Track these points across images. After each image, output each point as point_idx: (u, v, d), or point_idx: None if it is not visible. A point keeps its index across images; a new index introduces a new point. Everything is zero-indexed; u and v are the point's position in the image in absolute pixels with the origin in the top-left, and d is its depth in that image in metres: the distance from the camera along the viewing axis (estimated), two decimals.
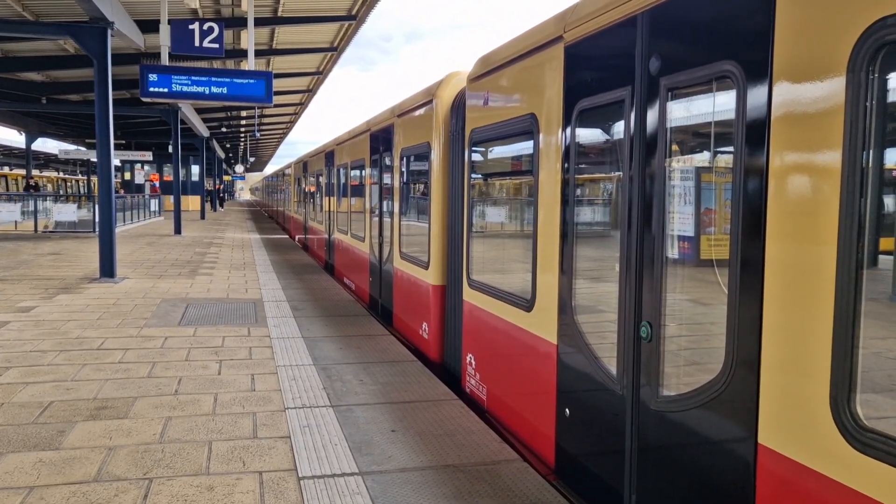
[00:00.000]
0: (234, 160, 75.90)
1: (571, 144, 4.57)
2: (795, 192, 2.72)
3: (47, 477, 4.40)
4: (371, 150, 11.28)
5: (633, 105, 3.83)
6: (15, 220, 25.10)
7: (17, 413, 5.60)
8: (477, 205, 6.72)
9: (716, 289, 3.27)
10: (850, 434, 2.45)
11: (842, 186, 2.51)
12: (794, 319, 2.72)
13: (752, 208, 2.95)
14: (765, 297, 2.87)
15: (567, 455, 4.71)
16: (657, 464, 3.67)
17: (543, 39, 4.98)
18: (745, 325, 2.99)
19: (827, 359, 2.55)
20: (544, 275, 4.96)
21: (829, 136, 2.55)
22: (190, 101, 13.84)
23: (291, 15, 17.98)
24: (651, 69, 3.68)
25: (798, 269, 2.71)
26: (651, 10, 3.66)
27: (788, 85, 2.75)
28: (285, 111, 39.29)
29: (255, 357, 7.61)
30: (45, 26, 15.85)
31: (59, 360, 7.33)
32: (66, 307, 10.42)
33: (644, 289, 3.75)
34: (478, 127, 6.34)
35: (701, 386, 3.28)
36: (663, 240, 3.60)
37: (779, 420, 2.78)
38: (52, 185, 59.13)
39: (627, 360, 3.90)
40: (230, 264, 16.68)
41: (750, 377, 2.94)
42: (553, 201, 4.78)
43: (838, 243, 2.52)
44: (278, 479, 4.45)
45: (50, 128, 38.52)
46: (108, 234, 13.70)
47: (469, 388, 6.68)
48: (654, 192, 3.64)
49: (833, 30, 2.53)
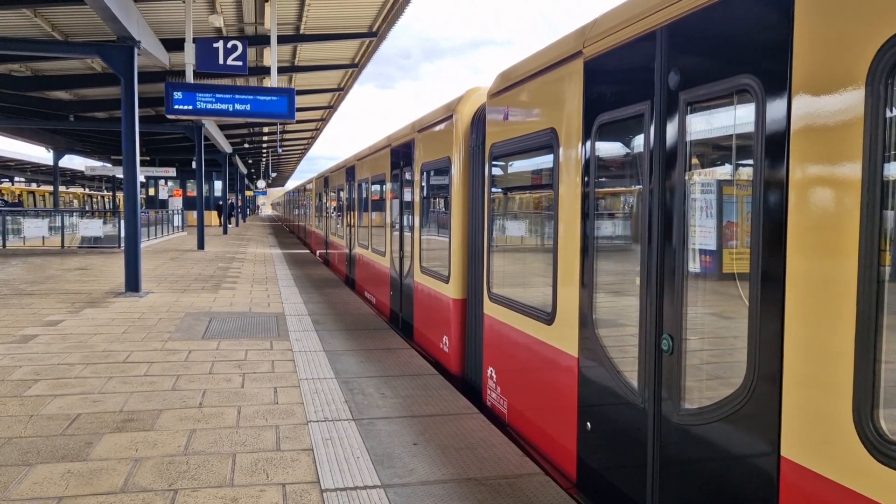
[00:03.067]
0: (256, 175, 76.71)
1: (591, 158, 4.60)
2: (816, 204, 2.73)
3: (75, 488, 4.47)
4: (392, 164, 11.38)
5: (653, 119, 3.86)
6: (42, 236, 25.53)
7: (45, 425, 5.70)
8: (497, 219, 6.75)
9: (737, 302, 3.26)
10: (874, 447, 2.44)
11: (862, 199, 2.52)
12: (816, 333, 2.71)
13: (773, 221, 2.96)
14: (786, 310, 2.87)
15: (588, 468, 4.70)
16: (679, 478, 3.65)
17: (563, 55, 5.04)
18: (766, 338, 2.99)
19: (850, 372, 2.54)
20: (565, 288, 4.98)
21: (849, 149, 2.56)
22: (214, 117, 14.07)
23: (313, 32, 18.22)
24: (670, 83, 3.72)
25: (819, 283, 2.71)
26: (669, 25, 3.70)
27: (808, 98, 2.76)
28: (307, 127, 39.69)
29: (277, 370, 7.67)
30: (74, 46, 16.21)
31: (86, 372, 7.45)
32: (93, 321, 10.58)
33: (665, 301, 3.75)
34: (498, 141, 6.41)
35: (723, 399, 3.28)
36: (684, 253, 3.61)
37: (801, 433, 2.77)
38: (77, 201, 60.15)
39: (649, 373, 3.89)
40: (252, 279, 16.84)
41: (772, 390, 2.94)
42: (573, 215, 4.82)
43: (859, 256, 2.52)
44: (301, 492, 4.49)
45: (77, 144, 39.26)
46: (133, 249, 13.92)
47: (490, 402, 6.70)
48: (675, 205, 3.66)
49: (852, 44, 2.54)
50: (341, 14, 17.05)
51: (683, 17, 3.60)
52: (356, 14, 17.10)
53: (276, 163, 70.51)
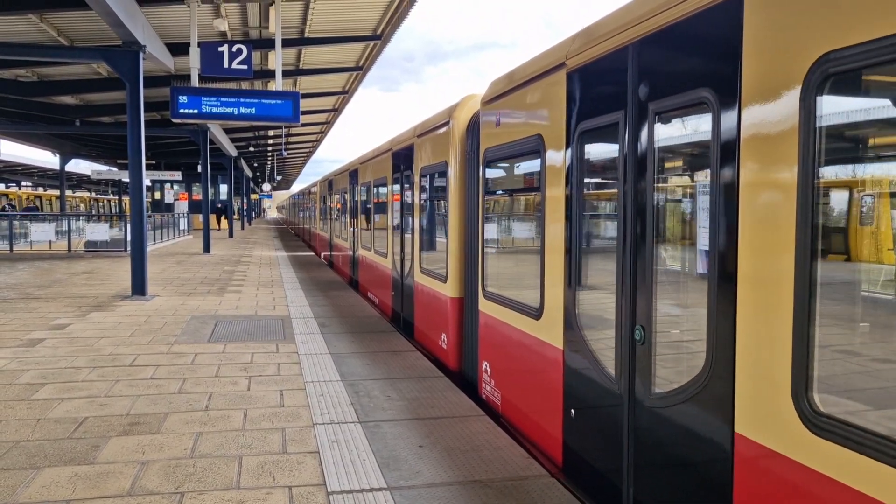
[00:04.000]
0: (261, 179, 76.90)
1: (573, 163, 4.91)
2: (760, 207, 3.06)
3: (83, 491, 4.49)
4: (393, 168, 11.68)
5: (626, 127, 4.18)
6: (49, 240, 25.64)
7: (53, 428, 5.73)
8: (491, 220, 7.05)
9: (702, 295, 3.53)
10: (809, 420, 2.76)
11: (797, 201, 2.83)
12: (762, 322, 3.03)
13: (728, 223, 3.27)
14: (738, 303, 3.19)
15: (573, 453, 5.00)
16: (651, 455, 3.98)
17: (548, 66, 5.35)
18: (722, 328, 3.32)
19: (788, 356, 2.86)
20: (551, 285, 5.28)
21: (787, 155, 2.88)
22: (219, 121, 14.12)
23: (318, 36, 18.27)
24: (641, 95, 4.05)
25: (764, 277, 3.02)
26: (639, 40, 4.04)
27: (754, 110, 3.11)
28: (312, 130, 39.79)
29: (283, 373, 7.69)
30: (80, 51, 16.29)
31: (93, 376, 7.48)
32: (99, 324, 10.62)
33: (638, 294, 4.06)
34: (491, 146, 6.70)
35: (686, 383, 3.63)
36: (654, 251, 3.94)
37: (751, 411, 3.10)
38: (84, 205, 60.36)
39: (624, 361, 4.22)
40: (258, 282, 16.88)
41: (727, 374, 3.26)
42: (558, 217, 5.14)
43: (795, 253, 2.83)
44: (308, 494, 4.50)
45: (83, 149, 39.43)
46: (139, 252, 13.97)
47: (485, 395, 6.96)
48: (646, 207, 3.97)
49: (788, 63, 2.89)
50: (345, 17, 17.09)
51: (651, 34, 3.93)
52: (360, 17, 17.14)
53: (282, 166, 70.68)
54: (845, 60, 2.63)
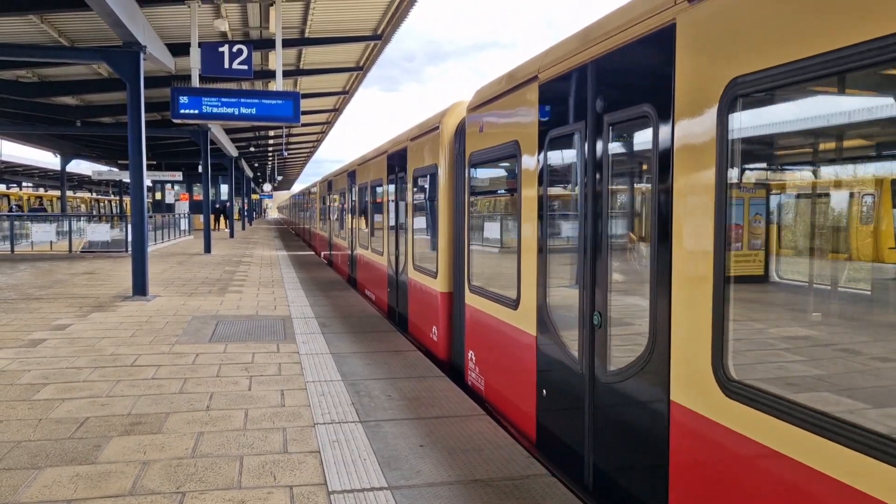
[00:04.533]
0: (262, 179, 76.89)
1: (544, 168, 5.45)
2: (688, 207, 3.58)
3: (84, 490, 4.50)
4: (388, 170, 12.18)
5: (585, 136, 4.72)
6: (50, 241, 25.66)
7: (54, 428, 5.74)
8: (475, 219, 7.55)
9: (646, 285, 4.04)
10: (725, 386, 3.29)
11: (716, 202, 3.35)
12: (690, 307, 3.56)
13: (664, 222, 3.79)
14: (672, 290, 3.72)
15: (544, 429, 5.58)
16: (606, 424, 4.56)
17: (523, 78, 5.86)
18: (660, 310, 3.83)
19: (709, 334, 3.38)
20: (526, 278, 5.82)
21: (708, 163, 3.39)
22: (220, 121, 14.13)
23: (318, 36, 18.27)
24: (597, 108, 4.58)
25: (691, 268, 3.55)
26: (596, 59, 4.58)
27: (684, 124, 3.62)
28: (312, 130, 39.79)
29: (284, 373, 7.69)
30: (80, 51, 16.30)
31: (94, 376, 7.49)
32: (101, 325, 10.63)
33: (596, 284, 4.61)
34: (475, 150, 7.21)
35: (633, 360, 4.19)
36: (609, 246, 4.52)
37: (683, 382, 3.64)
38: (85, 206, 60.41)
39: (585, 343, 4.78)
40: (259, 282, 16.89)
41: (664, 351, 3.80)
42: (532, 216, 5.67)
43: (714, 247, 3.36)
44: (308, 494, 4.50)
45: (84, 150, 39.44)
46: (140, 253, 13.98)
47: (471, 382, 7.45)
48: (602, 207, 4.54)
49: (708, 84, 3.42)
50: (346, 17, 17.09)
51: (606, 54, 4.46)
52: (360, 17, 17.14)
53: (282, 166, 70.69)
54: (749, 84, 3.15)
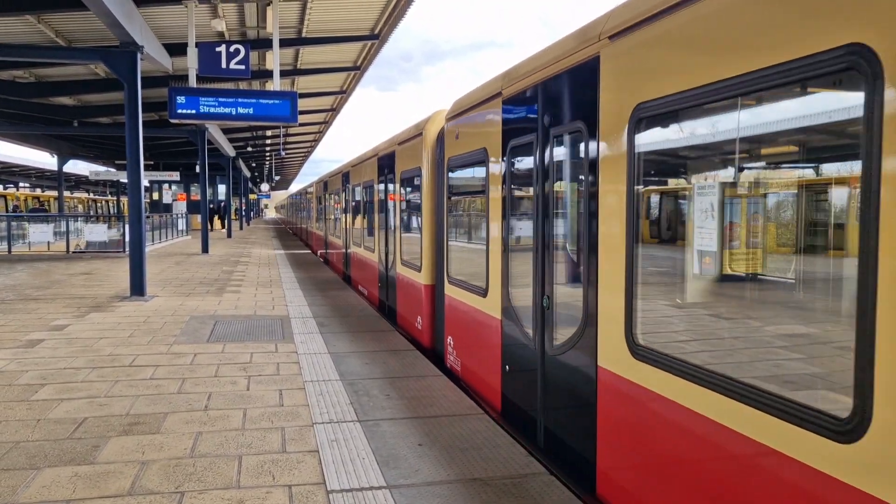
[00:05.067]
0: (259, 179, 76.83)
1: (506, 173, 6.25)
2: (609, 206, 4.37)
3: (83, 490, 4.50)
4: (378, 172, 12.96)
5: (537, 147, 5.52)
6: (48, 241, 25.63)
7: (52, 428, 5.74)
8: (453, 217, 8.42)
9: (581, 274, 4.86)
10: (633, 350, 4.08)
11: (626, 201, 4.14)
12: (611, 288, 4.35)
13: (592, 218, 4.60)
14: (599, 274, 4.50)
15: (508, 400, 6.44)
16: (553, 392, 5.40)
17: (490, 93, 6.63)
18: (591, 293, 4.64)
19: (622, 307, 4.19)
20: (493, 269, 6.62)
21: (622, 172, 4.19)
22: (217, 121, 14.11)
23: (315, 35, 18.27)
24: (545, 122, 5.38)
25: (611, 257, 4.36)
26: (544, 82, 5.41)
27: (606, 139, 4.41)
28: (310, 130, 39.78)
29: (282, 373, 7.70)
30: (78, 52, 16.29)
31: (93, 376, 7.48)
32: (98, 325, 10.63)
33: (545, 272, 5.44)
34: (452, 155, 8.00)
35: (571, 335, 5.04)
36: (554, 240, 5.38)
37: (606, 349, 4.42)
38: (82, 206, 60.29)
39: (537, 323, 5.61)
40: (257, 282, 16.88)
41: (594, 326, 4.58)
42: (497, 214, 6.49)
43: (625, 239, 4.18)
44: (307, 493, 4.51)
45: (81, 150, 39.39)
46: (138, 253, 13.97)
47: (449, 364, 8.24)
48: (549, 207, 5.40)
49: (621, 108, 4.20)
50: (343, 17, 17.09)
51: (550, 78, 5.30)
52: (358, 17, 17.14)
53: (280, 166, 70.62)
54: (649, 108, 3.89)
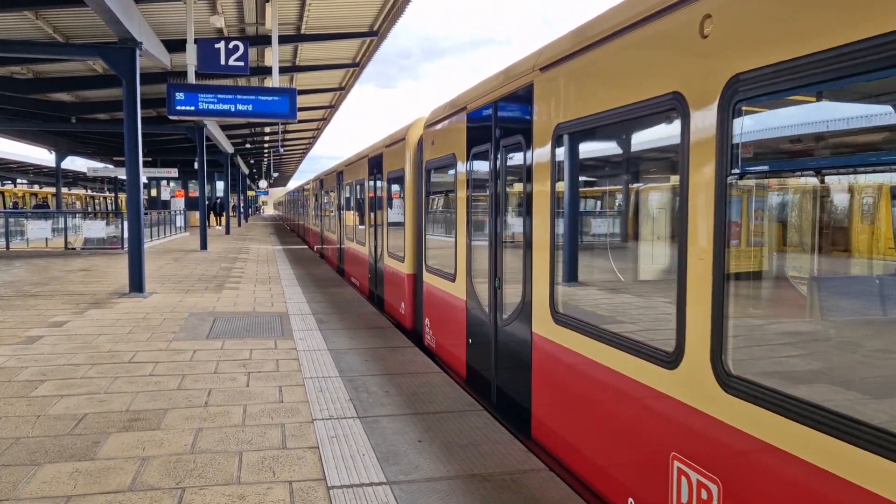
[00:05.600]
0: (257, 176, 76.72)
1: (469, 176, 7.42)
2: (539, 205, 5.47)
3: (84, 486, 4.51)
4: (368, 172, 14.00)
5: (492, 154, 6.63)
6: (45, 238, 25.60)
7: (52, 425, 5.75)
8: (430, 213, 9.55)
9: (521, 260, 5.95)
10: (555, 317, 5.20)
11: (551, 203, 5.28)
12: (541, 271, 5.45)
13: (528, 216, 5.73)
14: (533, 261, 5.60)
15: (470, 368, 7.59)
16: (503, 356, 6.55)
17: (458, 107, 7.78)
18: (527, 276, 5.76)
19: (548, 285, 5.31)
20: (460, 257, 7.76)
21: (549, 178, 5.30)
22: (216, 118, 14.11)
23: (314, 32, 18.24)
24: (497, 135, 6.51)
25: (540, 246, 5.45)
26: (496, 101, 6.54)
27: (536, 151, 5.53)
28: (308, 127, 39.72)
29: (282, 369, 7.71)
30: (76, 48, 16.25)
31: (92, 373, 7.49)
32: (98, 321, 10.63)
33: (497, 259, 6.61)
34: (429, 159, 9.16)
35: (514, 309, 6.15)
36: (503, 233, 6.51)
37: (538, 318, 5.52)
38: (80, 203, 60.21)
39: (491, 301, 6.78)
40: (255, 278, 16.89)
41: (529, 301, 5.69)
42: (463, 210, 7.62)
43: (550, 232, 5.28)
44: (308, 489, 4.53)
45: (79, 146, 39.32)
46: (137, 249, 13.96)
47: (426, 342, 9.44)
48: (500, 206, 6.53)
49: (546, 126, 5.30)
50: (342, 13, 17.07)
51: (500, 98, 6.43)
52: (357, 13, 17.12)
53: (278, 163, 70.52)
54: (566, 128, 5.01)
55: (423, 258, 9.54)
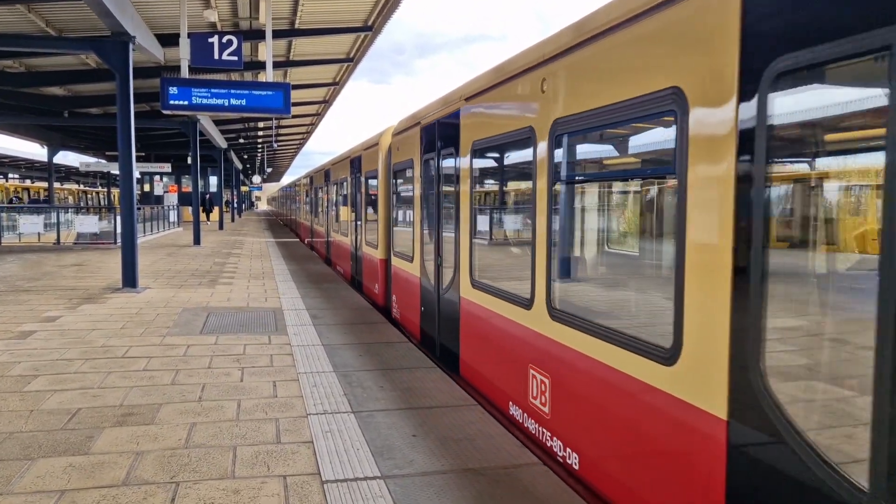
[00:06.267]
0: (251, 171, 76.47)
1: (422, 176, 9.31)
2: (464, 201, 7.22)
3: (78, 481, 4.51)
4: (350, 171, 15.82)
5: (435, 161, 8.51)
6: (38, 233, 25.48)
7: (46, 419, 5.74)
8: (396, 208, 11.45)
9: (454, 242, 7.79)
10: (473, 284, 6.98)
11: (469, 200, 7.11)
12: (464, 251, 7.27)
13: (457, 209, 7.46)
14: (460, 244, 7.43)
15: (422, 331, 9.48)
16: (443, 318, 8.32)
17: (414, 122, 9.68)
18: (458, 256, 7.50)
19: (468, 260, 6.93)
20: (416, 243, 9.68)
21: (469, 180, 7.06)
22: (209, 113, 14.06)
23: (308, 27, 18.18)
24: (439, 146, 8.35)
25: (463, 231, 7.28)
26: (438, 119, 8.22)
27: (465, 159, 7.21)
28: (302, 122, 39.61)
29: (276, 364, 7.71)
30: (68, 41, 16.16)
31: (86, 368, 7.48)
32: (91, 316, 10.60)
33: (441, 242, 8.41)
34: (395, 162, 11.17)
35: (449, 280, 7.93)
36: (443, 221, 8.39)
37: (463, 285, 7.26)
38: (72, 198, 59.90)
39: (436, 276, 8.61)
40: (249, 274, 16.86)
41: (463, 275, 7.23)
42: (417, 206, 9.59)
43: (469, 222, 7.10)
44: (302, 483, 4.53)
45: (71, 141, 39.09)
46: (130, 244, 13.92)
47: (394, 315, 11.42)
48: (441, 201, 8.36)
49: (469, 142, 7.05)
50: (336, 8, 17.02)
51: (440, 119, 8.20)
52: (351, 8, 17.07)
53: (272, 158, 70.28)
54: (479, 144, 6.79)
55: (392, 246, 11.52)
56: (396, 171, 11.07)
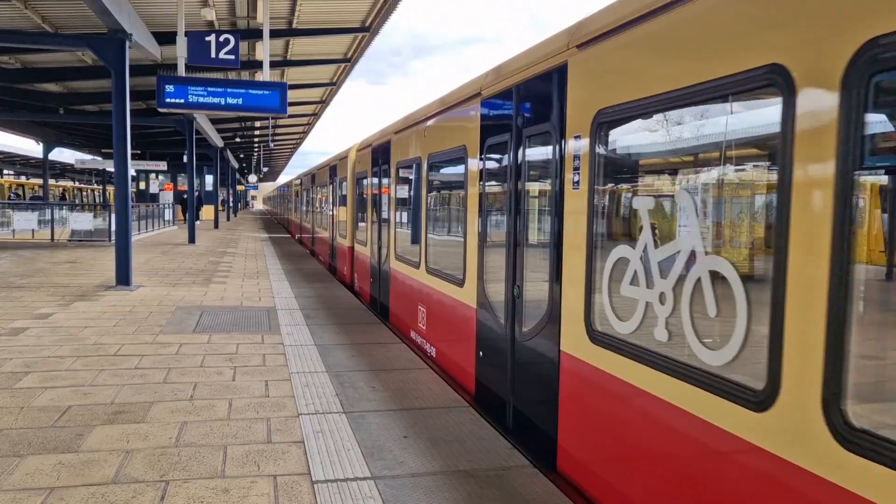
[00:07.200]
0: (247, 170, 76.37)
1: (371, 184, 12.32)
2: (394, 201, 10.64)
3: (67, 479, 4.50)
4: (329, 176, 18.80)
5: (379, 175, 11.90)
6: (32, 229, 25.40)
7: (36, 417, 5.72)
8: (359, 209, 14.22)
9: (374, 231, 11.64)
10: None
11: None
12: (391, 236, 10.74)
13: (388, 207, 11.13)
14: (391, 231, 10.75)
15: (373, 297, 12.41)
16: (383, 285, 11.53)
17: (368, 144, 12.67)
18: (390, 239, 10.68)
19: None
20: (370, 231, 12.24)
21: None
22: (205, 111, 14.03)
23: (306, 27, 18.19)
24: (380, 163, 11.84)
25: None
26: (381, 144, 11.62)
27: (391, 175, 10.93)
28: (299, 122, 39.60)
29: (268, 364, 7.70)
30: (65, 38, 16.13)
31: (77, 365, 7.46)
32: (83, 314, 10.57)
33: (381, 232, 11.69)
34: (357, 171, 14.21)
35: (384, 257, 11.20)
36: (381, 217, 11.82)
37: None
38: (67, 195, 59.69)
39: (378, 254, 11.81)
40: (243, 273, 16.84)
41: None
42: (366, 205, 12.59)
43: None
44: (292, 483, 4.53)
45: (67, 138, 39.01)
46: (124, 242, 13.89)
47: (356, 289, 14.31)
48: (380, 202, 11.98)
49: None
50: (334, 8, 17.03)
51: (380, 144, 11.94)
52: (349, 8, 17.09)
53: (268, 157, 70.24)
54: (399, 164, 10.26)
55: (355, 235, 14.91)
56: (358, 178, 14.32)
